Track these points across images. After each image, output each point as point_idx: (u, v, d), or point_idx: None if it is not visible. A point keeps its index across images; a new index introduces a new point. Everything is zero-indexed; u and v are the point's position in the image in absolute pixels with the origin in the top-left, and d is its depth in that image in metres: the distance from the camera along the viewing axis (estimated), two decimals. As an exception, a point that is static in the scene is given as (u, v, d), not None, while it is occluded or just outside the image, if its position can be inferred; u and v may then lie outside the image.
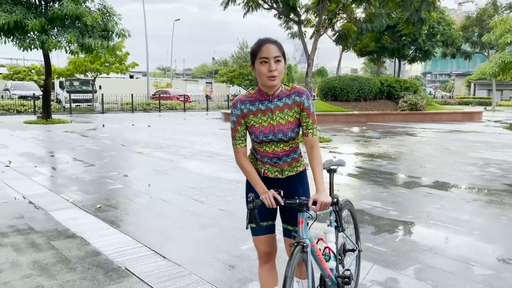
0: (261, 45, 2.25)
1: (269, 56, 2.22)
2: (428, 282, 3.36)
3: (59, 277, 3.44)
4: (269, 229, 2.53)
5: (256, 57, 2.26)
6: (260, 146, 2.42)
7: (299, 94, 2.34)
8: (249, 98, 2.38)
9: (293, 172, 2.47)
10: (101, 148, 10.99)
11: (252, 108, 2.36)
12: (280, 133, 2.35)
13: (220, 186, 6.65)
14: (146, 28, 35.77)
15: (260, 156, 2.45)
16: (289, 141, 2.39)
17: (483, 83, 44.97)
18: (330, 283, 2.55)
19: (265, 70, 2.23)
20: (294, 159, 2.46)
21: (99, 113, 26.47)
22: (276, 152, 2.41)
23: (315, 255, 2.37)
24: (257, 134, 2.37)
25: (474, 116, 23.25)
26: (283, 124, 2.34)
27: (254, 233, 2.53)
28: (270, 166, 2.45)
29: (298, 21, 14.49)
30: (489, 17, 29.96)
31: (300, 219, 2.31)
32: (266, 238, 2.54)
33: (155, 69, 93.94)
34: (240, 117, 2.38)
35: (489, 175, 7.72)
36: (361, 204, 5.61)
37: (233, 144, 2.44)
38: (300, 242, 2.23)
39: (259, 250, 2.58)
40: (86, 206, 5.49)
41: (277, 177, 2.46)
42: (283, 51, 2.29)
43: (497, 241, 4.32)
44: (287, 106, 2.34)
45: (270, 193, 2.28)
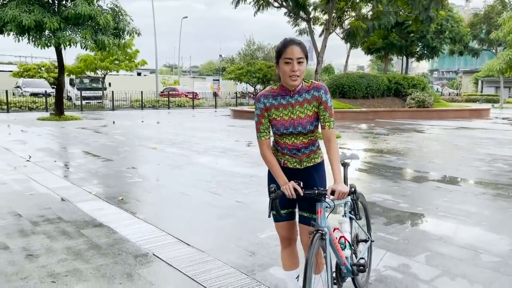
0: (286, 46, 2.40)
1: (293, 57, 2.37)
2: (439, 268, 3.57)
3: (92, 261, 3.69)
4: (289, 216, 2.69)
5: (280, 57, 2.41)
6: (281, 138, 2.57)
7: (317, 89, 2.49)
8: (272, 93, 2.54)
9: (311, 163, 2.61)
10: (116, 144, 11.28)
11: (274, 102, 2.52)
12: (299, 126, 2.50)
13: (235, 180, 6.88)
14: (155, 26, 36.09)
15: (281, 147, 2.60)
16: (308, 134, 2.54)
17: (490, 80, 44.85)
18: (346, 271, 2.69)
19: (288, 70, 2.39)
20: (312, 151, 2.60)
21: (110, 110, 26.81)
22: (296, 144, 2.55)
23: (332, 243, 2.52)
24: (278, 126, 2.52)
25: (482, 113, 23.30)
26: (303, 118, 2.49)
27: (276, 219, 2.69)
28: (290, 157, 2.60)
29: (307, 19, 14.69)
30: (497, 14, 29.91)
31: (318, 209, 2.45)
32: (287, 225, 2.70)
33: (161, 66, 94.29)
34: (264, 110, 2.54)
35: (497, 170, 7.90)
36: (373, 197, 5.82)
37: (258, 137, 2.59)
38: (319, 230, 2.37)
39: (280, 235, 2.75)
40: (108, 198, 5.75)
41: (296, 167, 2.60)
42: (306, 52, 2.45)
43: (504, 231, 4.52)
44: (306, 101, 2.49)
45: (291, 184, 2.42)
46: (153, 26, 36.67)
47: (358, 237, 3.12)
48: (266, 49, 49.61)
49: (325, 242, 2.37)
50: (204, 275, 3.43)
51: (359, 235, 3.13)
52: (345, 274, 2.71)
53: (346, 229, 2.76)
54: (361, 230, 3.13)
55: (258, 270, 3.53)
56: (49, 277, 3.37)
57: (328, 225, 2.44)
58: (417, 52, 30.31)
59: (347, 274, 2.72)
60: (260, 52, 49.47)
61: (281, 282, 3.25)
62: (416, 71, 76.67)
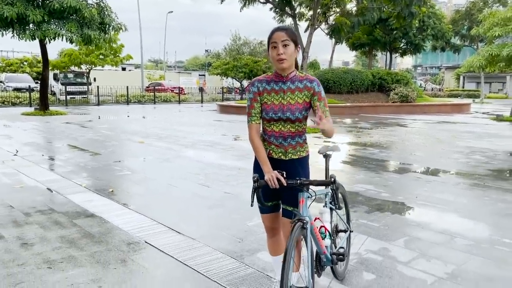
0: (272, 33, 2.52)
1: (278, 40, 2.47)
2: (416, 251, 3.80)
3: (87, 249, 3.83)
4: (274, 208, 2.75)
5: (268, 43, 2.53)
6: (268, 125, 2.64)
7: (310, 81, 2.59)
8: (266, 78, 2.64)
9: (296, 156, 2.65)
10: (103, 138, 11.32)
11: (267, 87, 2.61)
12: (288, 112, 2.56)
13: (223, 172, 7.05)
14: (140, 21, 35.86)
15: (268, 136, 2.66)
16: (295, 122, 2.58)
17: (472, 75, 45.73)
18: (325, 260, 2.76)
19: (274, 54, 2.49)
20: (298, 143, 2.65)
21: (95, 105, 26.66)
22: (282, 132, 2.61)
23: (313, 232, 2.57)
24: (268, 110, 2.59)
25: (463, 108, 23.85)
26: (292, 104, 2.56)
27: (261, 211, 2.78)
28: (275, 147, 2.64)
29: (292, 15, 14.86)
30: (478, 10, 30.51)
31: (300, 198, 2.50)
32: (272, 216, 2.78)
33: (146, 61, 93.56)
34: (257, 94, 2.62)
35: (474, 161, 8.22)
36: (355, 187, 6.05)
37: (248, 121, 2.66)
38: (300, 219, 2.42)
39: (266, 226, 2.85)
40: (98, 190, 5.87)
41: (280, 158, 2.64)
42: (293, 36, 2.51)
43: (479, 218, 4.78)
44: (298, 89, 2.57)
45: (274, 174, 2.47)
46: (138, 21, 36.45)
47: (337, 227, 3.18)
48: (252, 44, 49.69)
49: (306, 231, 2.43)
50: (195, 260, 3.59)
51: (338, 225, 3.21)
52: (325, 263, 2.79)
53: (327, 219, 2.81)
54: (340, 220, 3.20)
55: (246, 255, 3.71)
56: (45, 264, 3.50)
57: (310, 215, 2.51)
58: (400, 48, 30.80)
59: (326, 263, 2.79)
60: (246, 47, 49.52)
61: (268, 265, 3.43)
62: (400, 66, 77.57)
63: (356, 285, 3.16)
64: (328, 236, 2.72)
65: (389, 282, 3.22)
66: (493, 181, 6.55)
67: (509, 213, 4.93)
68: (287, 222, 2.62)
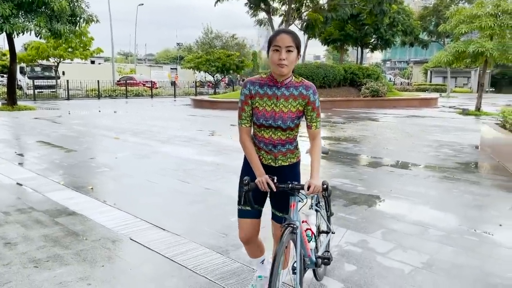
0: (276, 35, 2.39)
1: (281, 45, 2.34)
2: (393, 242, 4.01)
3: (72, 247, 3.84)
4: (256, 213, 2.65)
5: (271, 45, 2.40)
6: (259, 130, 2.54)
7: (306, 88, 2.47)
8: (260, 81, 2.51)
9: (286, 162, 2.59)
10: (76, 134, 11.14)
11: (260, 91, 2.49)
12: (279, 120, 2.46)
13: (202, 168, 7.11)
14: (110, 13, 35.13)
15: (258, 141, 2.57)
16: (286, 130, 2.50)
17: (439, 70, 47.05)
18: (309, 262, 2.71)
19: (276, 57, 2.35)
20: (289, 150, 2.58)
21: (65, 100, 26.03)
22: (272, 139, 2.52)
23: (300, 236, 2.49)
24: (259, 116, 2.49)
25: (430, 102, 24.61)
26: (285, 112, 2.46)
27: (241, 215, 2.64)
28: (265, 153, 2.57)
29: (267, 10, 14.95)
30: (445, 7, 31.43)
31: (291, 203, 2.46)
32: (252, 222, 2.65)
33: (116, 55, 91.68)
34: (248, 97, 2.50)
35: (443, 155, 8.58)
36: (332, 181, 6.24)
37: (239, 124, 2.56)
38: (290, 224, 2.38)
39: (241, 233, 2.69)
40: (77, 188, 5.83)
41: (270, 164, 2.58)
42: (297, 42, 2.39)
43: (449, 209, 5.05)
44: (292, 96, 2.46)
45: (264, 178, 2.43)
46: (109, 13, 35.68)
47: (320, 229, 3.20)
48: (224, 37, 49.50)
49: (296, 236, 2.40)
50: (181, 255, 3.67)
51: (321, 226, 3.22)
52: (308, 266, 2.75)
53: (312, 222, 2.89)
54: (323, 222, 3.19)
55: (231, 250, 3.81)
56: (31, 263, 3.50)
57: (300, 219, 2.49)
58: (371, 43, 31.41)
59: (310, 266, 2.75)
60: (218, 41, 49.29)
61: (254, 259, 3.55)
62: (370, 60, 78.91)
63: (338, 277, 3.32)
64: (314, 239, 2.69)
65: (369, 272, 3.40)
66: (461, 174, 6.88)
67: (476, 204, 5.23)
68: (277, 226, 2.61)
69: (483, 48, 16.55)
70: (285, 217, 2.52)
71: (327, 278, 3.27)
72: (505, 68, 45.70)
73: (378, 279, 3.29)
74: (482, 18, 16.83)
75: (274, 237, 2.73)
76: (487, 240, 4.10)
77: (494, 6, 16.96)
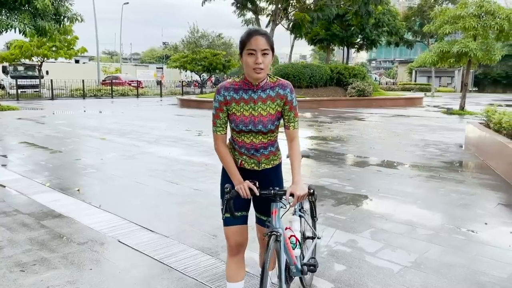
0: (250, 36, 2.23)
1: (257, 48, 2.21)
2: (381, 242, 4.04)
3: (59, 250, 3.78)
4: (242, 220, 2.52)
5: (244, 48, 2.25)
6: (238, 136, 2.41)
7: (283, 87, 2.37)
8: (234, 86, 2.36)
9: (269, 165, 2.50)
10: (62, 135, 10.98)
11: (236, 96, 2.35)
12: (260, 124, 2.36)
13: (190, 169, 7.07)
14: (95, 11, 34.69)
15: (238, 146, 2.45)
16: (267, 134, 2.40)
17: (423, 70, 47.60)
18: (295, 270, 2.61)
19: (252, 62, 2.22)
20: (271, 152, 2.48)
21: (49, 100, 25.64)
22: (254, 143, 2.41)
23: (284, 243, 2.40)
24: (237, 123, 2.36)
25: (416, 102, 24.89)
26: (264, 115, 2.35)
27: (227, 223, 2.50)
28: (248, 158, 2.45)
29: (255, 10, 14.94)
30: (430, 8, 31.79)
31: (273, 209, 2.36)
32: (239, 229, 2.52)
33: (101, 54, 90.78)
34: (223, 104, 2.36)
35: (429, 154, 8.68)
36: (321, 181, 6.27)
37: (214, 131, 2.43)
38: (273, 232, 2.29)
39: (231, 241, 2.53)
40: (64, 190, 5.74)
41: (253, 168, 2.47)
42: (271, 43, 2.28)
43: (436, 208, 5.11)
44: (270, 98, 2.35)
45: (246, 184, 2.31)
46: (93, 11, 35.24)
47: (305, 234, 3.08)
48: (211, 37, 49.29)
49: (280, 244, 2.30)
50: (171, 258, 3.64)
51: (306, 232, 3.11)
52: (294, 274, 2.64)
53: (296, 228, 2.67)
54: (308, 227, 3.09)
55: (221, 251, 3.79)
56: (17, 267, 3.43)
57: (283, 226, 2.40)
58: (357, 43, 31.64)
59: (296, 274, 2.65)
60: (204, 40, 49.05)
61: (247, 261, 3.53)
62: (356, 60, 79.50)
63: (328, 277, 3.33)
64: (299, 246, 2.58)
65: (358, 272, 3.41)
66: (447, 173, 6.97)
67: (462, 203, 5.30)
68: (263, 229, 2.53)
69: (467, 48, 16.80)
70: (267, 224, 2.44)
71: (317, 278, 3.28)
72: (487, 68, 46.47)
73: (368, 278, 3.31)
74: (466, 19, 17.07)
75: (260, 241, 2.67)
76: (474, 238, 4.16)
77: (477, 7, 17.22)
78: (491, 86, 48.36)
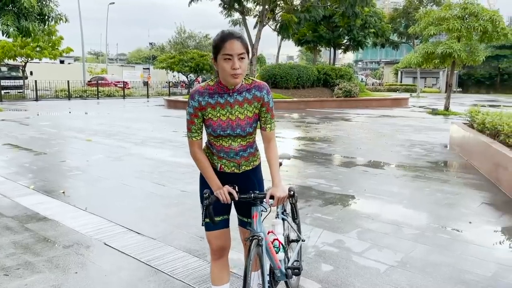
0: (224, 40, 2.15)
1: (233, 53, 2.14)
2: (368, 241, 4.07)
3: (43, 254, 3.73)
4: (223, 223, 2.48)
5: (219, 52, 2.17)
6: (216, 140, 2.36)
7: (259, 89, 2.32)
8: (208, 90, 2.29)
9: (250, 166, 2.46)
10: (46, 136, 10.83)
11: (211, 101, 2.28)
12: (238, 128, 2.31)
13: (177, 170, 7.03)
14: (80, 11, 34.33)
15: (217, 150, 2.39)
16: (246, 136, 2.36)
17: (409, 71, 48.12)
18: (279, 275, 2.58)
19: (228, 67, 2.15)
20: (251, 153, 2.44)
21: (33, 101, 25.26)
22: (233, 147, 2.36)
23: (267, 247, 2.37)
24: (215, 128, 2.30)
25: (401, 102, 25.14)
26: (242, 119, 2.30)
27: (208, 228, 2.46)
28: (227, 161, 2.40)
29: (241, 11, 14.94)
30: (414, 9, 32.18)
31: (254, 213, 2.34)
32: (221, 233, 2.48)
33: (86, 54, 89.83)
34: (197, 110, 2.29)
35: (415, 154, 8.78)
36: (308, 182, 6.29)
37: (189, 137, 2.37)
38: (255, 236, 2.25)
39: (213, 245, 2.50)
40: (48, 192, 5.67)
41: (233, 171, 2.43)
42: (247, 46, 2.22)
43: (422, 208, 5.17)
44: (247, 101, 2.30)
45: (225, 189, 2.28)
46: (78, 11, 34.86)
47: (289, 238, 3.04)
48: (198, 37, 49.17)
49: (261, 249, 2.27)
50: (158, 260, 3.62)
51: (290, 235, 3.07)
52: (279, 278, 2.62)
53: (279, 231, 2.65)
54: (292, 230, 3.04)
55: (208, 253, 3.76)
56: (1, 271, 3.38)
57: (264, 230, 2.37)
58: (344, 44, 31.88)
59: (280, 278, 2.62)
60: (191, 41, 48.92)
61: (231, 262, 3.52)
62: (342, 61, 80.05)
63: (316, 277, 3.35)
64: (282, 250, 2.56)
65: (346, 272, 3.44)
66: (432, 173, 7.05)
67: (448, 203, 5.37)
68: (245, 231, 2.50)
69: (451, 50, 17.03)
70: (248, 228, 2.41)
71: (304, 279, 3.29)
72: (471, 69, 47.22)
73: (355, 278, 3.33)
74: (450, 21, 17.31)
75: (244, 243, 2.63)
76: (459, 237, 4.22)
77: (461, 9, 17.48)
78: (475, 87, 49.16)
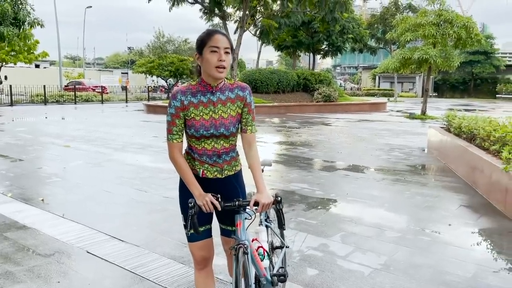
0: (211, 34, 2.20)
1: (220, 46, 2.17)
2: (352, 245, 4.12)
3: (24, 263, 3.64)
4: (207, 233, 2.44)
5: (205, 46, 2.19)
6: (198, 143, 2.32)
7: (242, 89, 2.33)
8: (191, 89, 2.28)
9: (232, 171, 2.42)
10: (23, 142, 10.58)
11: (194, 100, 2.26)
12: (221, 127, 2.29)
13: (159, 176, 6.97)
14: (57, 14, 33.74)
15: (198, 155, 2.34)
16: (229, 137, 2.34)
17: (386, 76, 48.97)
18: (265, 282, 2.53)
19: (215, 59, 2.17)
20: (233, 158, 2.41)
21: (8, 106, 24.67)
22: (216, 149, 2.33)
23: (252, 255, 2.34)
24: (198, 127, 2.26)
25: (379, 107, 25.57)
26: (226, 118, 2.29)
27: (191, 239, 2.41)
28: (209, 166, 2.35)
29: (222, 16, 14.98)
30: (391, 15, 32.83)
31: (238, 221, 2.30)
32: (204, 244, 2.44)
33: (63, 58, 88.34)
34: (180, 110, 2.26)
35: (394, 158, 8.93)
36: (291, 186, 6.33)
37: (169, 139, 2.30)
38: (240, 244, 2.21)
39: (197, 256, 2.46)
40: (27, 200, 5.54)
41: (216, 177, 2.37)
42: (231, 44, 2.26)
43: (402, 211, 5.26)
44: (230, 100, 2.30)
45: (208, 198, 2.22)
46: (55, 15, 34.26)
47: (273, 244, 3.00)
48: (177, 42, 48.90)
49: (248, 257, 2.23)
50: (142, 267, 3.58)
51: (274, 242, 3.03)
52: (265, 286, 2.56)
53: (264, 238, 2.63)
54: (275, 237, 2.99)
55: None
56: (-20, 282, 3.29)
57: (248, 237, 2.33)
58: (323, 49, 32.24)
59: (266, 286, 2.55)
60: (170, 45, 48.61)
61: (217, 268, 3.52)
62: (321, 66, 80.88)
63: (301, 282, 3.37)
64: (267, 257, 2.52)
65: (331, 276, 3.47)
66: (412, 176, 7.19)
67: (427, 206, 5.48)
68: (228, 240, 2.46)
69: (427, 55, 17.44)
70: (233, 236, 2.34)
71: (290, 284, 3.31)
72: (446, 75, 48.39)
73: (340, 282, 3.37)
74: (425, 27, 17.74)
75: (226, 253, 2.60)
76: (439, 239, 4.31)
77: (436, 16, 17.93)
78: (450, 91, 50.37)
